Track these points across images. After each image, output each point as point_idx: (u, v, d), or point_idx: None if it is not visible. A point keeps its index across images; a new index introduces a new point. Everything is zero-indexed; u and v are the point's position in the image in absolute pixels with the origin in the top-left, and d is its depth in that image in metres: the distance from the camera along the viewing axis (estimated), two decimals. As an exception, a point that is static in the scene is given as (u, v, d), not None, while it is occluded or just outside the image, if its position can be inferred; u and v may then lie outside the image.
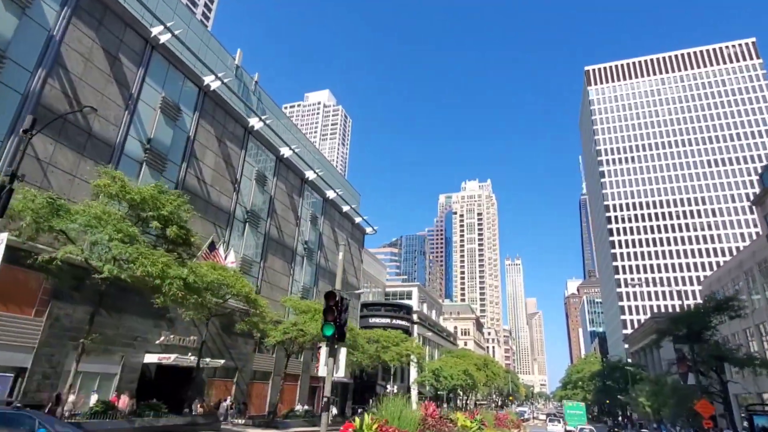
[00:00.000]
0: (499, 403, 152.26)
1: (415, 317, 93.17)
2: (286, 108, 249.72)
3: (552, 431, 52.12)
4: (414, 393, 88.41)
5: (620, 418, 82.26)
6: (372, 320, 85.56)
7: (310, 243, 50.03)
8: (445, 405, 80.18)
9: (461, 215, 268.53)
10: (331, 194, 54.64)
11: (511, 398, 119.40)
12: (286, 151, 44.55)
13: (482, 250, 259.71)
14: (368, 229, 68.73)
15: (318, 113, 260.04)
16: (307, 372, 46.56)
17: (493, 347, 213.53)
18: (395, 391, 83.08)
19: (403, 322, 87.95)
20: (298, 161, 47.76)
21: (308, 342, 33.95)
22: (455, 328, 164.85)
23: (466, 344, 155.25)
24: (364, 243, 69.66)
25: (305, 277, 48.69)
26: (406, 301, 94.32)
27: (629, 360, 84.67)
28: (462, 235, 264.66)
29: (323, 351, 15.92)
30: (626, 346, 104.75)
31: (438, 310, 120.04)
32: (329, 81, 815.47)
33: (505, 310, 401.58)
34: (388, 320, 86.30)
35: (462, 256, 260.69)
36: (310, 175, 49.41)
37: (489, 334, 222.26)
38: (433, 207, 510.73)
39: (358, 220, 64.42)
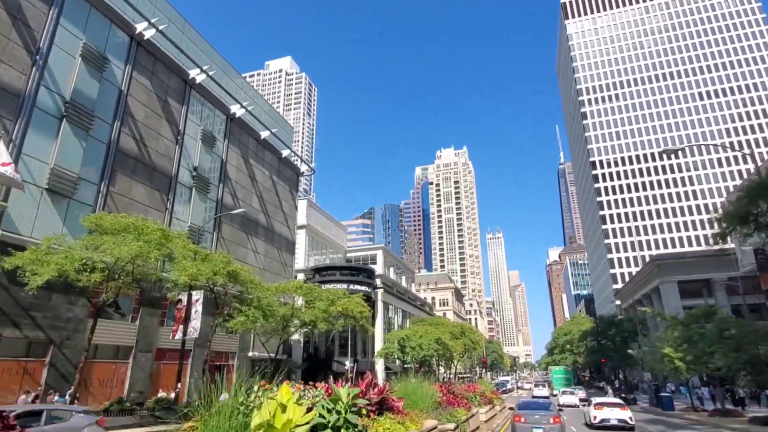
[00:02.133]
0: (481, 375, 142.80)
1: (378, 282, 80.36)
2: (245, 77, 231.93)
3: (538, 395, 51.64)
4: (379, 369, 76.22)
5: (616, 381, 71.33)
6: (326, 287, 72.29)
7: (203, 171, 35.86)
8: (413, 380, 68.08)
9: (437, 185, 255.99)
10: (237, 109, 40.22)
11: (483, 363, 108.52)
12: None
13: (461, 220, 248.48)
14: (303, 168, 54.66)
15: (280, 82, 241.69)
16: (203, 347, 32.87)
17: (476, 319, 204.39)
18: (356, 367, 70.26)
19: (364, 287, 74.95)
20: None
21: (128, 281, 20.13)
22: (432, 298, 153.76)
23: (444, 315, 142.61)
24: (298, 185, 55.53)
25: (196, 216, 34.59)
26: (370, 266, 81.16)
27: (620, 317, 73.55)
28: (439, 206, 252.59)
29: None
30: (617, 302, 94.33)
31: (410, 277, 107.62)
32: (292, 50, 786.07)
33: (488, 283, 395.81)
34: (345, 286, 73.23)
35: (440, 227, 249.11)
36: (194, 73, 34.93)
37: (471, 305, 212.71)
38: (409, 180, 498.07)
39: (286, 153, 50.21)
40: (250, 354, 40.36)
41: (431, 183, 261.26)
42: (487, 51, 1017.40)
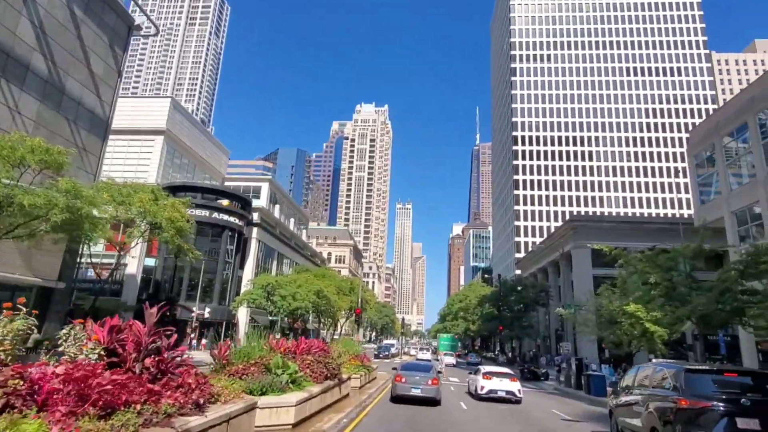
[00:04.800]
0: (371, 338, 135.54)
1: (255, 217, 65.06)
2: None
3: (422, 358, 51.59)
4: (242, 320, 61.95)
5: (509, 352, 64.84)
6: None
7: None
8: (278, 336, 55.22)
9: (353, 140, 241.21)
10: None
11: (356, 314, 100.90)
12: None
13: (372, 181, 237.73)
14: (138, 20, 36.70)
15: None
16: None
17: (373, 282, 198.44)
18: (206, 316, 55.16)
19: (233, 219, 59.36)
20: None
21: None
22: (329, 254, 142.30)
23: (340, 272, 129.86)
24: (128, 44, 37.32)
25: None
26: (246, 196, 65.08)
27: (525, 282, 66.77)
28: (351, 162, 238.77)
29: None
30: (518, 272, 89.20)
31: (301, 222, 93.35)
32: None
33: (391, 250, 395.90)
34: (206, 213, 57.04)
35: (349, 184, 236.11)
36: None
37: (370, 268, 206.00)
38: (325, 134, 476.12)
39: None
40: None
41: (347, 138, 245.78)
42: (425, 18, 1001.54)
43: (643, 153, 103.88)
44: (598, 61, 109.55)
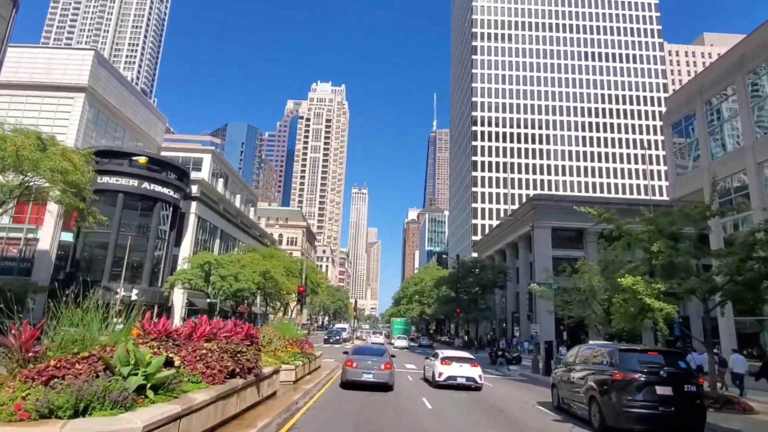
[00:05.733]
0: (323, 323, 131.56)
1: (195, 190, 58.67)
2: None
3: (375, 341, 48.04)
4: (178, 304, 56.04)
5: (465, 335, 62.77)
6: (104, 179, 48.93)
7: None
8: (220, 321, 49.94)
9: (308, 119, 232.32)
10: None
11: (299, 292, 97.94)
12: None
13: (327, 162, 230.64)
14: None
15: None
16: None
17: (327, 266, 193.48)
18: (134, 298, 48.27)
19: (167, 191, 52.78)
20: None
21: None
22: (280, 236, 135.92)
23: (291, 255, 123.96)
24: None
25: None
26: (183, 167, 58.34)
27: (485, 262, 64.76)
28: (306, 143, 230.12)
29: None
30: (474, 254, 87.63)
31: (249, 199, 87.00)
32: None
33: (346, 234, 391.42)
34: (134, 182, 50.31)
35: (304, 165, 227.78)
36: None
37: (324, 252, 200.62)
38: (279, 113, 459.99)
39: None
40: None
41: (302, 117, 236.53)
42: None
43: (599, 138, 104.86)
44: (558, 44, 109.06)
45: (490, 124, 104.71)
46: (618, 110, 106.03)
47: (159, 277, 51.70)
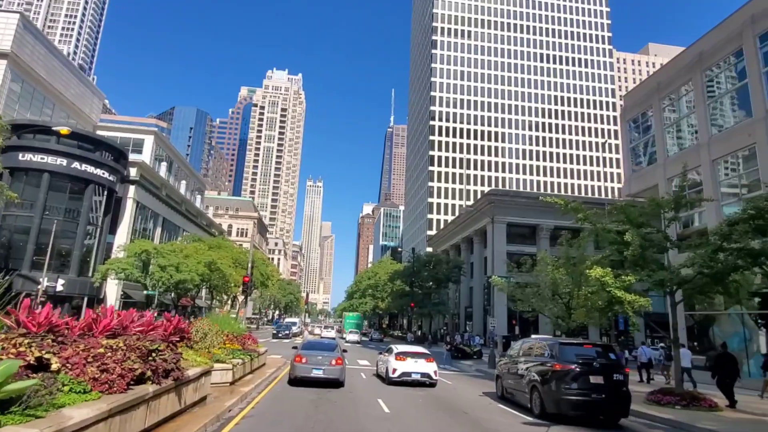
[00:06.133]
0: (273, 317, 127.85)
1: (134, 173, 54.07)
2: None
3: (326, 335, 49.60)
4: (112, 296, 51.56)
5: (418, 330, 62.23)
6: (26, 156, 44.10)
7: None
8: (154, 313, 46.26)
9: (262, 107, 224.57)
10: None
11: (243, 283, 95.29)
12: None
13: (281, 152, 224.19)
14: None
15: None
16: None
17: (279, 258, 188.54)
18: (60, 289, 44.36)
19: (101, 172, 48.13)
20: None
21: None
22: (230, 227, 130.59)
23: (241, 246, 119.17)
24: None
25: None
26: (120, 147, 53.56)
27: (440, 256, 64.38)
28: (260, 131, 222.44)
29: None
30: (429, 249, 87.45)
31: (196, 186, 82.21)
32: None
33: (300, 228, 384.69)
34: (63, 161, 45.50)
35: (257, 154, 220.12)
36: None
37: (276, 244, 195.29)
38: (232, 100, 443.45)
39: None
40: None
41: (255, 105, 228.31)
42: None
43: (551, 139, 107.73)
44: (515, 44, 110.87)
45: (448, 120, 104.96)
46: (570, 112, 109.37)
47: (90, 267, 47.22)
